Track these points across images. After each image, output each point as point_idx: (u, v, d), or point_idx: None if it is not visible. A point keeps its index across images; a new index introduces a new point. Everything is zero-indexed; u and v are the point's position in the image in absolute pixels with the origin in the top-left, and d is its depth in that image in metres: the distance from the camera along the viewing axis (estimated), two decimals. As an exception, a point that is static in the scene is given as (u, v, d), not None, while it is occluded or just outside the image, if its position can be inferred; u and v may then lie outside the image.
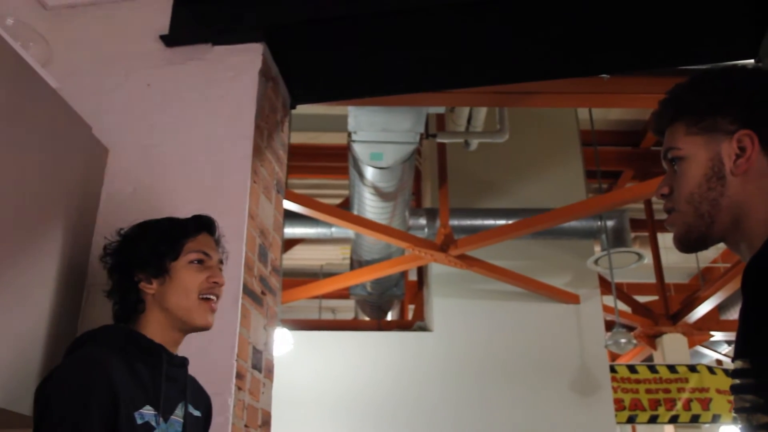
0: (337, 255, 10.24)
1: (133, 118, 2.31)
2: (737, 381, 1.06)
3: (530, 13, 2.51)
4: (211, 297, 1.68)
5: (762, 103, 1.14)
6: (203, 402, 1.74)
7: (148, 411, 1.50)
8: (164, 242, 1.67)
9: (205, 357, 1.97)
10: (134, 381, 1.50)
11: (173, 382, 1.61)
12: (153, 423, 1.50)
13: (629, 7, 2.47)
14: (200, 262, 1.68)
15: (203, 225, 1.74)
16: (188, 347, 1.95)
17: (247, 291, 2.13)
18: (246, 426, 2.08)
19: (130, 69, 2.39)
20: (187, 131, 2.28)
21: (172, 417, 1.57)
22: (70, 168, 2.01)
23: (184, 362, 1.69)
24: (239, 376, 2.02)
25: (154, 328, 1.63)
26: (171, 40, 2.40)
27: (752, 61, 2.42)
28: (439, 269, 6.82)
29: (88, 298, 2.03)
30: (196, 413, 1.68)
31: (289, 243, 8.56)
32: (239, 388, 2.02)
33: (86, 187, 2.10)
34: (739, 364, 1.06)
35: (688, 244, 1.19)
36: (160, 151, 2.26)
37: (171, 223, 1.74)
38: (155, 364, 1.58)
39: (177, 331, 1.66)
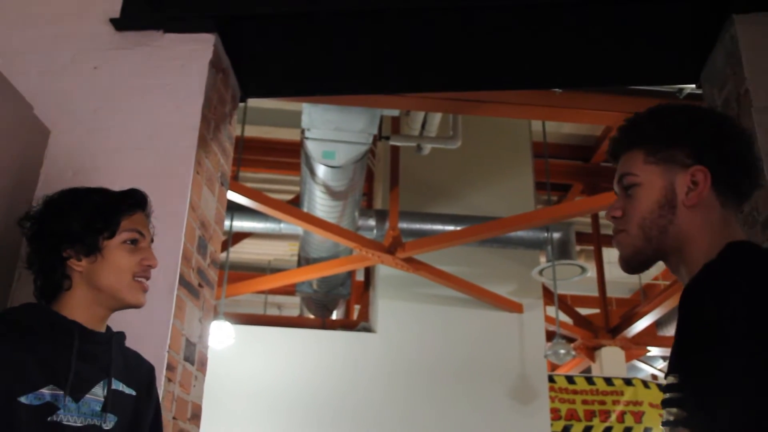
0: (286, 251, 10.19)
1: (78, 100, 2.27)
2: (667, 395, 1.12)
3: (484, 23, 2.55)
4: (143, 279, 1.62)
5: (718, 143, 1.23)
6: (139, 378, 1.67)
7: (50, 391, 1.42)
8: (99, 218, 1.57)
9: (136, 346, 1.93)
10: (36, 361, 1.43)
11: (90, 360, 1.53)
12: (56, 403, 1.43)
13: (582, 27, 2.52)
14: (134, 242, 1.61)
15: (138, 202, 1.66)
16: (118, 336, 1.93)
17: (184, 282, 2.11)
18: (174, 418, 2.06)
19: (78, 50, 2.36)
20: (132, 117, 2.25)
21: (88, 396, 1.49)
22: (7, 147, 1.97)
23: (108, 339, 1.61)
24: (170, 367, 2.00)
25: (78, 305, 1.55)
26: (121, 24, 2.37)
27: (693, 86, 2.49)
28: (386, 271, 6.84)
29: (20, 281, 1.99)
30: (129, 391, 1.60)
31: (238, 237, 8.49)
32: (169, 380, 2.00)
33: (24, 168, 2.06)
34: (670, 379, 1.12)
35: (633, 265, 1.28)
36: (103, 135, 2.23)
37: (105, 197, 1.64)
38: (66, 341, 1.50)
39: (104, 309, 1.59)
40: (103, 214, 1.58)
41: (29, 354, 1.44)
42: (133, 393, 1.62)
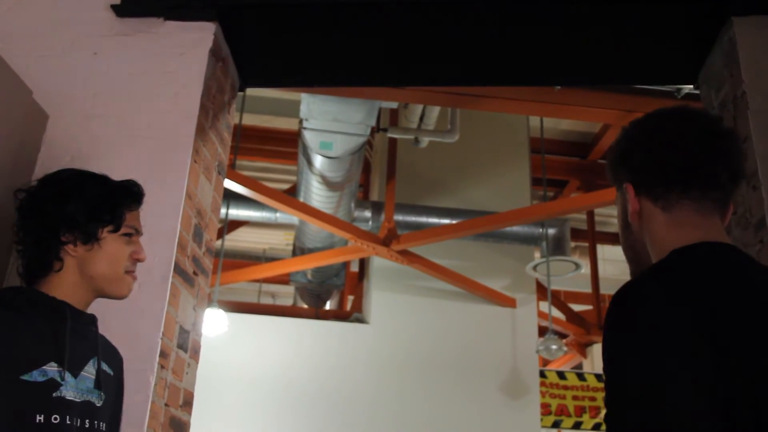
0: (281, 240, 10.20)
1: (77, 85, 2.28)
2: None
3: (485, 18, 2.55)
4: (133, 270, 1.67)
5: (632, 157, 1.27)
6: (115, 360, 1.71)
7: (52, 368, 1.46)
8: (105, 210, 1.60)
9: (130, 333, 1.95)
10: (36, 339, 1.46)
11: (81, 339, 1.57)
12: (58, 379, 1.46)
13: (581, 25, 2.52)
14: (129, 235, 1.65)
15: (138, 198, 1.69)
16: (113, 321, 1.93)
17: (179, 270, 2.12)
18: (166, 405, 2.07)
19: (78, 36, 2.35)
20: (131, 104, 2.26)
21: (83, 373, 1.53)
22: (5, 131, 1.97)
23: (93, 320, 1.64)
24: (163, 354, 2.01)
25: (65, 287, 1.57)
26: (122, 10, 2.37)
27: (691, 86, 2.50)
28: (380, 263, 6.86)
29: (14, 265, 2.00)
30: (109, 370, 1.64)
31: (233, 225, 8.50)
32: (162, 367, 2.01)
33: (22, 152, 2.06)
34: None
35: None
36: (101, 121, 2.23)
37: (109, 187, 1.66)
38: (59, 320, 1.53)
39: (91, 294, 1.62)
40: (108, 206, 1.61)
41: (29, 332, 1.46)
42: (112, 373, 1.67)
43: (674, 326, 1.02)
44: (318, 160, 5.62)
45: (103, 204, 1.61)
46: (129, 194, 1.67)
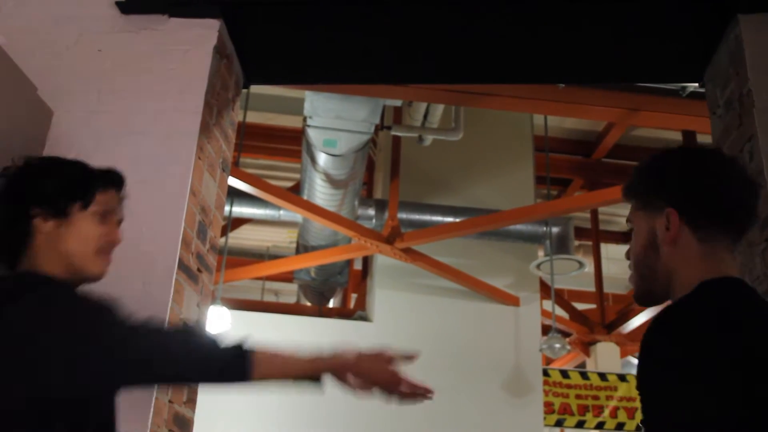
0: (285, 238, 10.20)
1: (81, 82, 2.28)
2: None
3: (489, 16, 2.54)
4: (107, 251, 1.63)
5: (681, 184, 1.34)
6: None
7: None
8: (76, 186, 1.58)
9: (134, 329, 1.95)
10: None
11: None
12: None
13: (586, 22, 2.52)
14: (104, 215, 1.61)
15: (114, 181, 1.66)
16: (117, 318, 1.93)
17: (183, 267, 2.12)
18: (170, 401, 2.07)
19: (83, 32, 2.35)
20: (135, 101, 2.26)
21: None
22: (10, 127, 1.97)
23: None
24: (167, 351, 2.01)
25: (50, 267, 1.54)
26: (127, 7, 2.37)
27: (696, 84, 2.50)
28: (384, 261, 6.85)
29: None
30: None
31: (237, 222, 8.50)
32: (166, 363, 2.01)
33: (26, 149, 2.06)
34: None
35: (638, 298, 1.43)
36: (106, 118, 2.23)
37: (84, 168, 1.64)
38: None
39: (70, 277, 1.57)
40: (79, 183, 1.59)
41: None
42: None
43: (707, 354, 1.12)
44: (322, 158, 5.62)
45: (76, 181, 1.59)
46: (104, 176, 1.65)
